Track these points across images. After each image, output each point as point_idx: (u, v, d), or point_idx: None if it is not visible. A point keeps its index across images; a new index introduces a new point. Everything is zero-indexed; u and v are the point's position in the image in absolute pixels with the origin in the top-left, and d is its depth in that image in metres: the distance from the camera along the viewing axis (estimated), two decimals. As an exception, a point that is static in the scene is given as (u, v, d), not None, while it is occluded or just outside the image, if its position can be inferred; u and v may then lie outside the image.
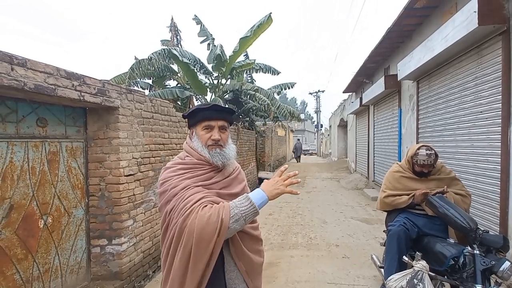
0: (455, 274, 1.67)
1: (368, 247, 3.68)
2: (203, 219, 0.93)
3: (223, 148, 1.12)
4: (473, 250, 1.61)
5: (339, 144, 17.50)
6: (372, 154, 8.22)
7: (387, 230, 2.30)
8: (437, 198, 1.87)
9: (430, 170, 2.13)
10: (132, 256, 2.88)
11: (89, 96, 2.39)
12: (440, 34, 3.29)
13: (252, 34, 6.97)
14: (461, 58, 3.42)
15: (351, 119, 11.92)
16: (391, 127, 6.52)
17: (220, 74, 8.18)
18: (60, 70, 2.13)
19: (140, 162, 3.07)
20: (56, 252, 2.40)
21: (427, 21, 4.53)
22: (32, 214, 2.21)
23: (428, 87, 4.47)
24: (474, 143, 3.21)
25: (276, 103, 8.36)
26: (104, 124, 2.75)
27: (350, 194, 7.67)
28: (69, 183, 2.55)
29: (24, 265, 2.13)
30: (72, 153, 2.60)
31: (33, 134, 2.25)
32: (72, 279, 2.53)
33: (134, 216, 2.94)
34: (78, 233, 2.62)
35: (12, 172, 2.07)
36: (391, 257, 2.09)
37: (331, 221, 5.00)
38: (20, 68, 1.78)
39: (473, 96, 3.22)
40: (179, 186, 1.03)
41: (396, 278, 1.71)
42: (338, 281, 2.82)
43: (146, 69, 7.20)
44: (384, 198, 2.30)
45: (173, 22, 9.09)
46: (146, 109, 3.24)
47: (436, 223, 2.08)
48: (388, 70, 6.81)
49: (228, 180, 1.14)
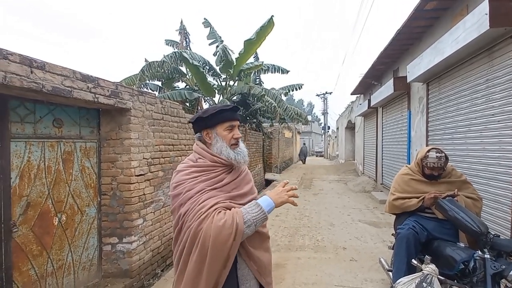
0: (465, 278, 1.65)
1: (376, 251, 3.65)
2: (219, 224, 0.96)
3: (239, 146, 1.18)
4: (483, 254, 1.59)
5: (346, 146, 17.35)
6: (381, 157, 8.13)
7: (396, 233, 2.28)
8: (447, 202, 1.86)
9: (440, 173, 2.11)
10: (141, 254, 2.94)
11: (103, 98, 2.47)
12: (451, 36, 3.25)
13: (256, 37, 7.01)
14: (472, 61, 3.37)
15: (359, 121, 11.82)
16: (400, 129, 6.44)
17: (228, 76, 8.25)
18: (76, 73, 2.21)
19: (150, 162, 3.14)
20: (69, 249, 2.47)
21: (437, 23, 4.48)
22: (47, 212, 2.29)
23: (438, 89, 4.41)
24: (485, 147, 3.16)
25: (283, 105, 8.38)
26: (116, 125, 2.82)
27: (358, 196, 7.59)
28: (82, 182, 2.63)
29: (39, 261, 2.21)
30: (86, 153, 2.68)
31: (49, 135, 2.34)
32: (84, 276, 2.60)
33: (144, 215, 3.00)
34: (91, 231, 2.69)
35: (29, 170, 2.16)
36: (399, 260, 2.08)
37: (338, 223, 4.97)
38: (39, 71, 1.86)
39: (485, 98, 3.17)
40: (193, 189, 1.05)
41: (405, 281, 1.70)
42: (346, 284, 2.81)
43: (156, 71, 7.32)
44: (393, 201, 2.28)
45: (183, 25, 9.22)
46: (156, 111, 3.31)
47: (446, 227, 2.05)
48: (397, 72, 6.74)
49: (237, 181, 1.18)
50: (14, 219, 2.03)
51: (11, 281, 2.00)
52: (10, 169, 2.02)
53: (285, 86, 10.13)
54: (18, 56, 1.76)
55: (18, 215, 2.07)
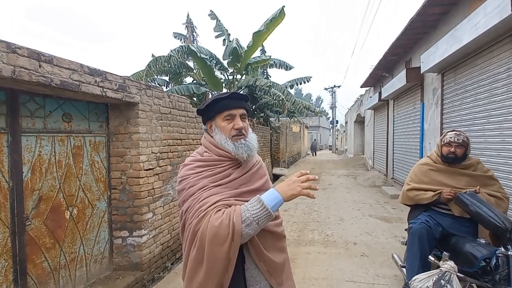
0: (486, 276, 1.57)
1: (388, 246, 3.57)
2: (215, 224, 0.89)
3: (246, 138, 1.06)
4: (507, 251, 1.51)
5: (355, 141, 17.09)
6: (391, 151, 7.95)
7: (408, 227, 2.20)
8: (468, 196, 1.76)
9: (460, 154, 1.96)
10: (151, 248, 2.96)
11: (111, 92, 2.45)
12: (470, 23, 3.09)
13: (266, 29, 6.88)
14: (492, 48, 3.20)
15: (369, 115, 11.57)
16: (412, 122, 6.26)
17: (236, 70, 8.18)
18: (84, 67, 2.20)
19: (158, 156, 3.14)
20: (81, 242, 2.50)
21: (454, 9, 4.27)
22: (59, 206, 2.31)
23: (454, 79, 4.23)
24: (505, 139, 3.01)
25: (291, 98, 8.27)
26: (125, 119, 2.82)
27: (368, 191, 7.47)
28: (92, 176, 2.64)
29: (52, 253, 2.24)
30: (95, 148, 2.69)
31: (59, 129, 2.35)
32: (96, 269, 2.63)
33: (153, 209, 3.01)
34: (101, 224, 2.72)
35: (40, 165, 2.17)
36: (412, 256, 2.00)
37: (348, 218, 4.90)
38: (47, 65, 1.85)
39: (505, 88, 3.01)
40: (196, 185, 1.00)
41: (422, 278, 1.64)
42: (357, 280, 2.76)
43: (163, 66, 7.32)
44: (408, 191, 2.19)
45: (189, 19, 9.16)
46: (164, 105, 3.29)
47: (465, 225, 1.95)
48: (410, 62, 6.52)
49: (247, 176, 1.07)
50: (27, 213, 2.06)
51: (26, 273, 2.04)
52: (22, 163, 2.04)
53: (293, 79, 9.98)
54: (26, 50, 1.75)
55: (30, 208, 2.09)
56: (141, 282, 2.75)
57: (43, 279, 2.16)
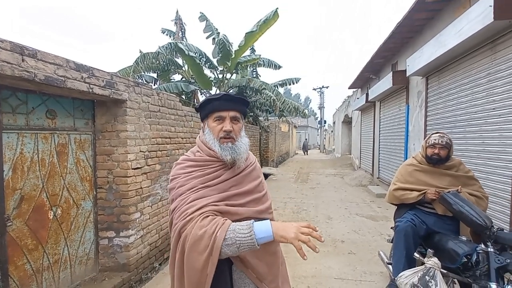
0: (467, 271, 1.65)
1: (374, 244, 3.67)
2: (198, 232, 0.87)
3: (235, 142, 1.04)
4: (487, 248, 1.58)
5: (343, 141, 17.41)
6: (377, 151, 8.16)
7: (395, 226, 2.28)
8: (451, 195, 1.84)
9: (443, 155, 2.05)
10: (139, 248, 2.91)
11: (98, 88, 2.38)
12: (454, 28, 3.21)
13: (258, 29, 6.89)
14: (474, 53, 3.34)
15: (356, 116, 11.82)
16: (397, 124, 6.45)
17: (225, 69, 8.13)
18: (70, 62, 2.12)
19: (147, 155, 3.08)
20: (65, 243, 2.42)
21: (439, 15, 4.43)
22: (42, 205, 2.23)
23: (437, 83, 4.39)
24: (485, 141, 3.16)
25: (281, 98, 8.32)
26: (112, 117, 2.75)
27: (355, 190, 7.64)
28: (77, 175, 2.56)
29: (34, 255, 2.15)
30: (81, 146, 2.60)
31: (42, 126, 2.26)
32: (80, 270, 2.56)
33: (141, 209, 2.96)
34: (87, 225, 2.64)
35: (22, 163, 2.08)
36: (398, 253, 2.07)
37: (336, 217, 4.99)
38: (30, 59, 1.77)
39: (486, 92, 3.15)
40: (185, 186, 0.99)
41: (407, 274, 1.70)
42: (345, 277, 2.82)
43: (151, 62, 7.18)
44: (394, 191, 2.27)
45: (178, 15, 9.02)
46: (153, 103, 3.23)
47: (447, 223, 2.04)
48: (396, 65, 6.71)
49: (238, 178, 1.05)
50: (8, 213, 1.97)
51: (7, 275, 1.95)
52: (3, 161, 1.95)
53: (282, 79, 10.05)
54: (9, 43, 1.67)
55: (12, 208, 2.00)
56: (128, 283, 2.69)
57: (25, 281, 2.08)
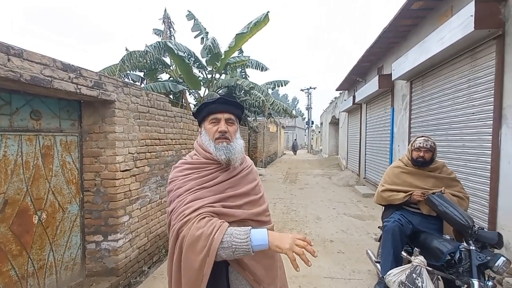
0: (451, 268, 1.74)
1: (362, 243, 3.77)
2: (195, 233, 0.90)
3: (230, 142, 1.08)
4: (469, 246, 1.68)
5: (330, 141, 17.71)
6: (364, 152, 8.37)
7: (383, 225, 2.36)
8: (437, 197, 1.93)
9: (428, 158, 2.16)
10: (128, 252, 2.85)
11: (86, 89, 2.32)
12: (437, 36, 3.36)
13: (249, 31, 6.90)
14: (455, 60, 3.51)
15: (343, 117, 12.07)
16: (383, 125, 6.65)
17: (215, 69, 8.09)
18: (56, 62, 2.06)
19: (136, 157, 3.02)
20: (51, 248, 2.34)
21: (422, 22, 4.61)
22: (26, 210, 2.14)
23: (421, 87, 4.57)
24: (465, 143, 3.32)
25: (270, 99, 8.37)
26: (99, 118, 2.68)
27: (342, 190, 7.80)
28: (63, 178, 2.48)
29: (19, 261, 2.07)
30: (67, 147, 2.52)
31: (27, 127, 2.17)
32: (66, 276, 2.48)
33: (130, 212, 2.90)
34: (73, 229, 2.56)
35: (5, 166, 2.00)
36: (386, 252, 2.15)
37: (324, 217, 5.09)
38: (16, 59, 1.71)
39: (466, 98, 3.32)
40: (182, 188, 1.03)
41: (395, 272, 1.77)
42: (335, 276, 2.89)
43: (138, 61, 7.02)
44: (382, 192, 2.35)
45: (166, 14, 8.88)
46: (142, 103, 3.18)
47: (432, 222, 2.14)
48: (382, 69, 6.92)
49: (234, 180, 1.09)
50: (-11, 218, 1.88)
51: (-13, 284, 1.87)
52: (-17, 164, 1.86)
53: (271, 81, 10.12)
54: (-8, 42, 1.60)
55: (-7, 213, 1.92)
56: (117, 288, 2.64)
57: None
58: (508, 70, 2.62)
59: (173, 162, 3.98)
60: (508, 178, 2.61)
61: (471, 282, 1.56)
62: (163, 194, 3.64)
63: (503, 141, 2.67)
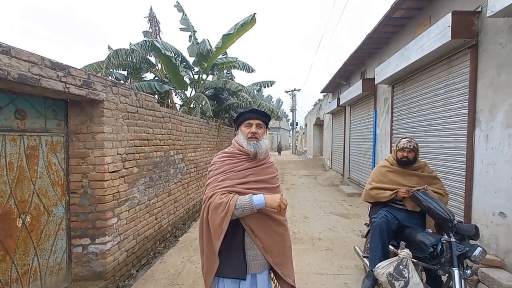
0: (434, 259, 1.87)
1: (348, 240, 3.91)
2: (218, 201, 1.31)
3: (258, 141, 1.44)
4: (449, 238, 1.81)
5: (314, 143, 18.06)
6: (348, 153, 8.64)
7: (370, 222, 2.48)
8: (421, 194, 2.07)
9: (411, 157, 2.30)
10: (116, 255, 2.79)
11: (74, 88, 2.26)
12: (417, 44, 3.57)
13: (236, 32, 6.92)
14: (434, 67, 3.74)
15: (328, 119, 12.38)
16: (366, 127, 6.90)
17: (202, 70, 8.04)
18: (45, 60, 2.00)
19: (124, 158, 2.97)
20: (35, 252, 2.25)
21: (403, 30, 4.86)
22: (9, 213, 2.06)
23: (402, 91, 4.81)
24: (443, 144, 3.55)
25: (257, 101, 8.43)
26: (87, 117, 2.61)
27: (327, 190, 8.00)
28: (49, 180, 2.40)
29: (2, 266, 1.98)
30: (52, 148, 2.44)
31: (10, 127, 2.09)
32: (52, 281, 2.39)
33: (118, 214, 2.84)
34: (58, 232, 2.48)
35: (-12, 167, 1.90)
36: (374, 246, 2.26)
37: (311, 216, 5.21)
38: (4, 56, 1.65)
39: (443, 102, 3.55)
40: (219, 169, 1.43)
41: (384, 265, 1.87)
42: (324, 272, 2.99)
43: (123, 59, 6.84)
44: (370, 190, 2.47)
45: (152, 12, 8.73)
46: (131, 103, 3.13)
47: (415, 217, 2.28)
48: (365, 73, 7.19)
49: (256, 169, 1.43)
50: (-30, 223, 1.79)
51: (-33, 292, 1.77)
52: (-36, 165, 1.77)
53: (257, 82, 10.18)
54: (-23, 37, 1.54)
55: (-26, 217, 1.82)
56: (105, 292, 2.57)
57: (-10, 297, 1.90)
58: (481, 77, 2.84)
59: (162, 163, 3.93)
60: (481, 176, 2.82)
61: (452, 270, 1.70)
62: (151, 195, 3.58)
63: (477, 143, 2.88)
